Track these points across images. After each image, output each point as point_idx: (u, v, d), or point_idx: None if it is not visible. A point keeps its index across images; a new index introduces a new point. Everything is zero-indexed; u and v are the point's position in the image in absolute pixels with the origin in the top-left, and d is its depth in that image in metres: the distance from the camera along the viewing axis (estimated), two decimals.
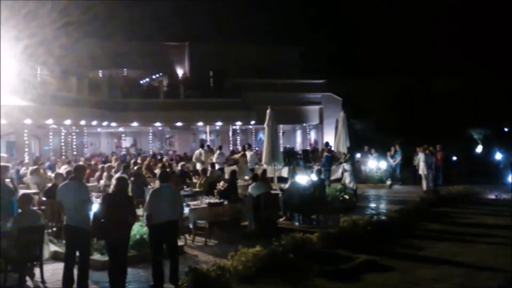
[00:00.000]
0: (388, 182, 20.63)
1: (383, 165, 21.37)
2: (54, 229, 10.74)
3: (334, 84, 31.36)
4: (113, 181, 7.61)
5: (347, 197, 15.47)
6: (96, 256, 8.69)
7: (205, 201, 11.59)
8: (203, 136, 33.37)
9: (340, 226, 10.58)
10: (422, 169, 18.71)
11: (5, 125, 21.55)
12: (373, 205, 16.34)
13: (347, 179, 17.24)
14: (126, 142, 33.06)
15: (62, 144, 26.82)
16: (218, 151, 20.63)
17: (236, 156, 21.33)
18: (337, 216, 11.71)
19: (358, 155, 23.93)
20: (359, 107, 32.50)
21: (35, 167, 15.64)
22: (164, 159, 20.98)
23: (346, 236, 10.09)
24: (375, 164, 21.44)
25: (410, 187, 20.26)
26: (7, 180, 9.54)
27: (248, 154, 19.93)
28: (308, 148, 30.00)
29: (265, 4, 39.69)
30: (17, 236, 7.83)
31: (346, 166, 17.75)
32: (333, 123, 26.56)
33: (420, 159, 18.96)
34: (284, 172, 19.54)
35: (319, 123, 31.13)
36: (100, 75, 31.48)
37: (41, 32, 20.62)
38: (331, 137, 27.28)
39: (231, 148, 28.18)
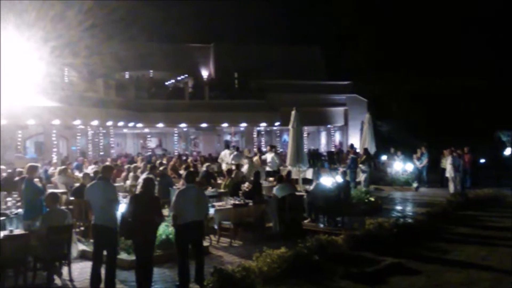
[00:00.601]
0: (415, 185, 20.36)
1: (409, 167, 21.10)
2: (82, 228, 10.93)
3: (359, 85, 31.14)
4: (140, 182, 7.71)
5: (372, 199, 15.34)
6: (123, 256, 8.80)
7: (230, 202, 11.63)
8: (228, 137, 33.51)
9: (366, 228, 10.49)
10: (449, 172, 18.44)
11: (34, 125, 22.06)
12: (399, 207, 16.15)
13: (362, 180, 17.18)
14: (152, 143, 33.41)
15: (89, 144, 27.27)
16: (235, 152, 20.64)
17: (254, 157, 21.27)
18: (363, 218, 11.62)
19: (384, 157, 23.75)
20: (385, 109, 32.23)
21: (63, 167, 15.92)
22: (189, 160, 21.13)
23: (372, 239, 10.01)
24: (401, 166, 21.18)
25: (437, 190, 19.95)
26: (36, 179, 9.74)
27: (269, 155, 19.86)
28: (333, 150, 29.83)
29: (290, 5, 39.64)
30: (46, 235, 7.98)
31: (363, 167, 17.62)
32: (358, 124, 26.38)
33: (447, 162, 18.67)
34: (309, 174, 19.47)
35: (344, 124, 30.95)
36: (127, 77, 31.92)
37: (68, 34, 21.04)
38: (356, 138, 27.11)
39: (255, 149, 28.21)
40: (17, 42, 18.41)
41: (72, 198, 11.91)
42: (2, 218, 9.33)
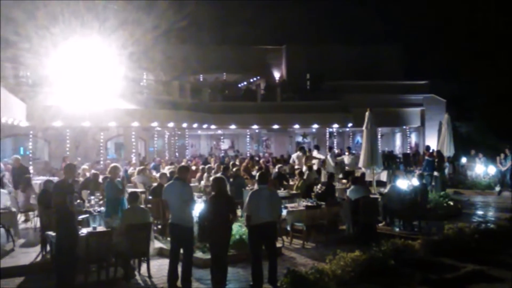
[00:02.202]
0: (497, 189, 19.32)
1: (491, 170, 20.05)
2: (159, 226, 11.28)
3: (437, 85, 29.95)
4: (211, 182, 7.86)
5: (451, 203, 14.72)
6: (198, 254, 9.01)
7: (302, 203, 11.57)
8: (299, 139, 33.42)
9: (445, 233, 10.08)
10: None
11: (115, 127, 23.13)
12: (480, 212, 15.39)
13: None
14: (224, 144, 34.02)
15: (166, 145, 28.18)
16: (314, 151, 20.48)
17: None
18: (441, 223, 11.17)
19: (463, 160, 22.74)
20: (465, 109, 30.77)
21: (141, 167, 16.55)
22: (261, 161, 21.28)
23: (451, 244, 9.60)
24: (482, 169, 20.17)
25: None
26: (118, 179, 10.19)
27: (347, 158, 19.54)
28: (409, 152, 28.91)
29: (363, 4, 38.92)
30: (126, 232, 8.32)
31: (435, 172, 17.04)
32: (435, 125, 25.31)
33: None
34: (383, 176, 19.01)
35: (420, 125, 29.91)
36: (201, 79, 32.70)
37: (145, 39, 21.89)
38: (434, 140, 26.04)
39: (327, 151, 27.91)
40: (99, 48, 19.41)
41: (150, 197, 12.35)
42: (86, 215, 9.86)
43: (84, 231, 8.23)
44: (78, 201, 10.44)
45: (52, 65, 18.65)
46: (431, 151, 19.15)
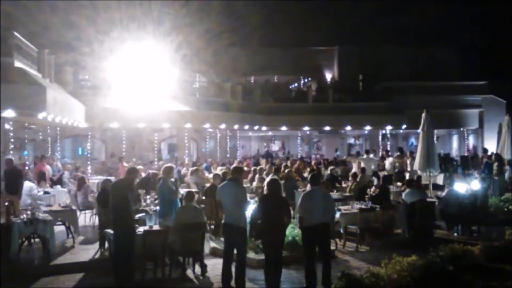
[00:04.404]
0: None
1: None
2: (213, 226, 11.40)
3: (497, 85, 28.78)
4: (266, 183, 7.87)
5: None
6: (251, 255, 9.04)
7: (356, 206, 11.40)
8: (351, 141, 32.98)
9: (506, 239, 9.63)
10: None
11: (168, 128, 23.63)
12: None
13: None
14: (275, 146, 34.04)
15: (217, 146, 28.51)
16: (365, 155, 20.20)
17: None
18: (501, 228, 10.70)
19: None
20: None
21: (195, 168, 16.79)
22: (313, 163, 21.13)
23: None
24: None
25: None
26: (172, 179, 10.34)
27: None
28: (467, 154, 27.93)
29: (416, 3, 37.91)
30: (181, 232, 8.46)
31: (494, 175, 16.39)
32: (495, 127, 24.37)
33: None
34: (439, 179, 18.46)
35: (478, 127, 28.86)
36: (252, 81, 32.87)
37: (197, 42, 22.28)
38: (493, 143, 25.07)
39: (380, 153, 27.42)
40: (154, 51, 19.91)
41: (203, 198, 12.50)
42: (142, 214, 10.08)
43: (140, 229, 8.44)
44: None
45: (110, 68, 19.31)
46: (489, 153, 18.42)
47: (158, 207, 10.42)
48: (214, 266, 8.96)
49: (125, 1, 19.81)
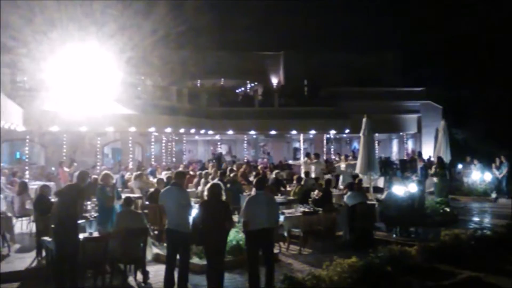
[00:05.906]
0: (493, 195, 19.35)
1: (487, 177, 20.09)
2: (156, 232, 11.23)
3: (434, 92, 30.06)
4: (206, 188, 7.84)
5: (448, 209, 14.73)
6: (195, 260, 8.98)
7: (299, 209, 11.56)
8: (297, 145, 33.43)
9: (441, 239, 10.05)
10: None
11: (111, 132, 23.09)
12: (476, 219, 15.43)
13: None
14: (222, 150, 33.98)
15: (163, 151, 28.14)
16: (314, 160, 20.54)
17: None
18: (437, 229, 11.17)
19: (459, 166, 22.79)
20: (461, 116, 30.84)
21: (138, 172, 16.51)
22: (259, 167, 21.27)
23: (448, 251, 9.56)
24: (479, 176, 20.21)
25: None
26: (108, 187, 10.02)
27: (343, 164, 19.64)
28: (406, 158, 28.95)
29: (360, 11, 39.06)
30: (123, 238, 8.29)
31: (435, 179, 17.11)
32: (432, 132, 25.45)
33: None
34: (380, 182, 19.02)
35: (417, 132, 30.00)
36: (198, 85, 32.68)
37: (143, 44, 21.92)
38: (430, 147, 26.22)
39: (324, 157, 27.96)
40: (97, 53, 19.41)
41: (147, 203, 12.31)
42: (82, 221, 9.78)
43: (80, 236, 8.20)
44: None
45: (49, 70, 18.65)
46: (425, 158, 19.18)
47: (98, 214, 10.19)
48: (157, 272, 8.82)
49: (64, 1, 19.20)
